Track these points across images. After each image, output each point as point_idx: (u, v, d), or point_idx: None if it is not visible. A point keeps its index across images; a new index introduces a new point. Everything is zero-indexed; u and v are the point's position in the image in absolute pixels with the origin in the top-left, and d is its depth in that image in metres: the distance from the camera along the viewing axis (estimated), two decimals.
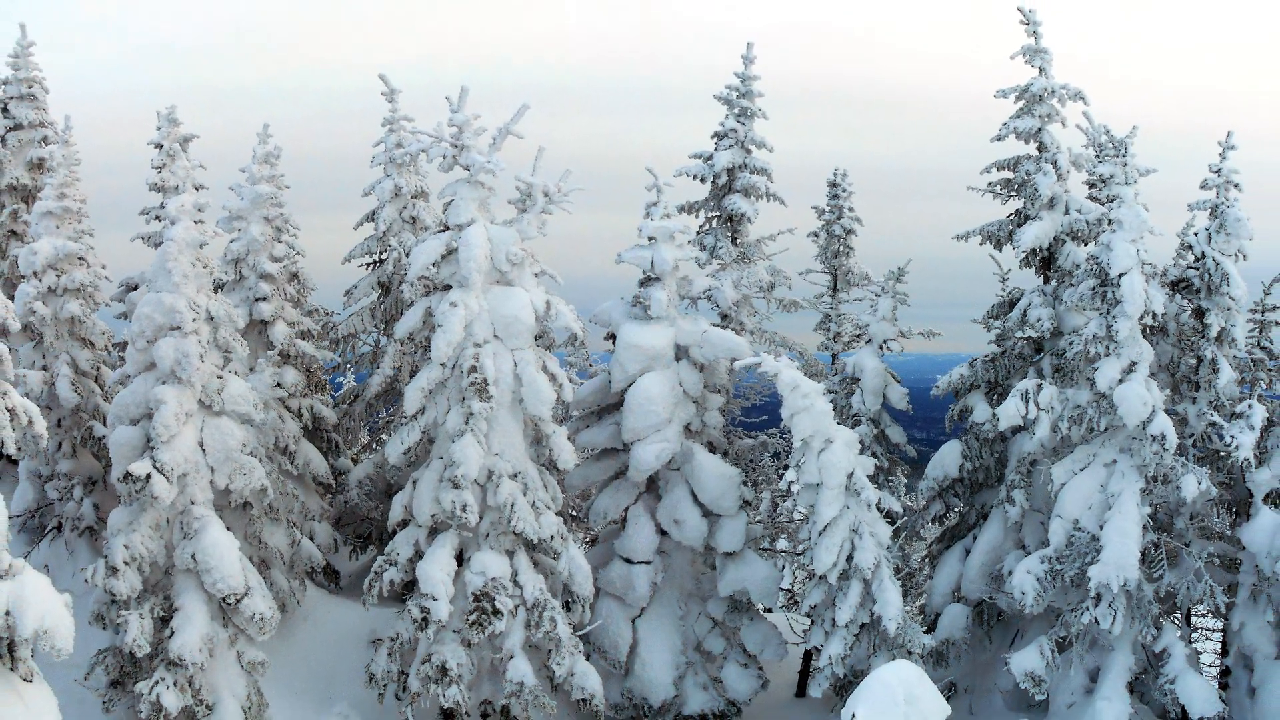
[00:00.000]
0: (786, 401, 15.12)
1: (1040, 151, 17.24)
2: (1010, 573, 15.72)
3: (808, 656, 19.15)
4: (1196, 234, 15.84)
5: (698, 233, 19.87)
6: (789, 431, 15.41)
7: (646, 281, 17.16)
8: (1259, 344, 17.11)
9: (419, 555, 15.14)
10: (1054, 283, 17.19)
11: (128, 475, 13.34)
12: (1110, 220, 14.81)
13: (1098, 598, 14.34)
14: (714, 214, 20.06)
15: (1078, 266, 16.72)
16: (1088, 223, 16.79)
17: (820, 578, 15.55)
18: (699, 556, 17.83)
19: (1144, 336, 14.94)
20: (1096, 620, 14.34)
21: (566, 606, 15.76)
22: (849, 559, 15.30)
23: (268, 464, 16.57)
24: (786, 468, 15.77)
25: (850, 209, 20.73)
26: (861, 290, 20.81)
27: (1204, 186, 15.91)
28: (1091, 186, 17.39)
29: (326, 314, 20.78)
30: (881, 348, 18.16)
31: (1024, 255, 17.11)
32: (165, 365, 13.78)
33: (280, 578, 16.75)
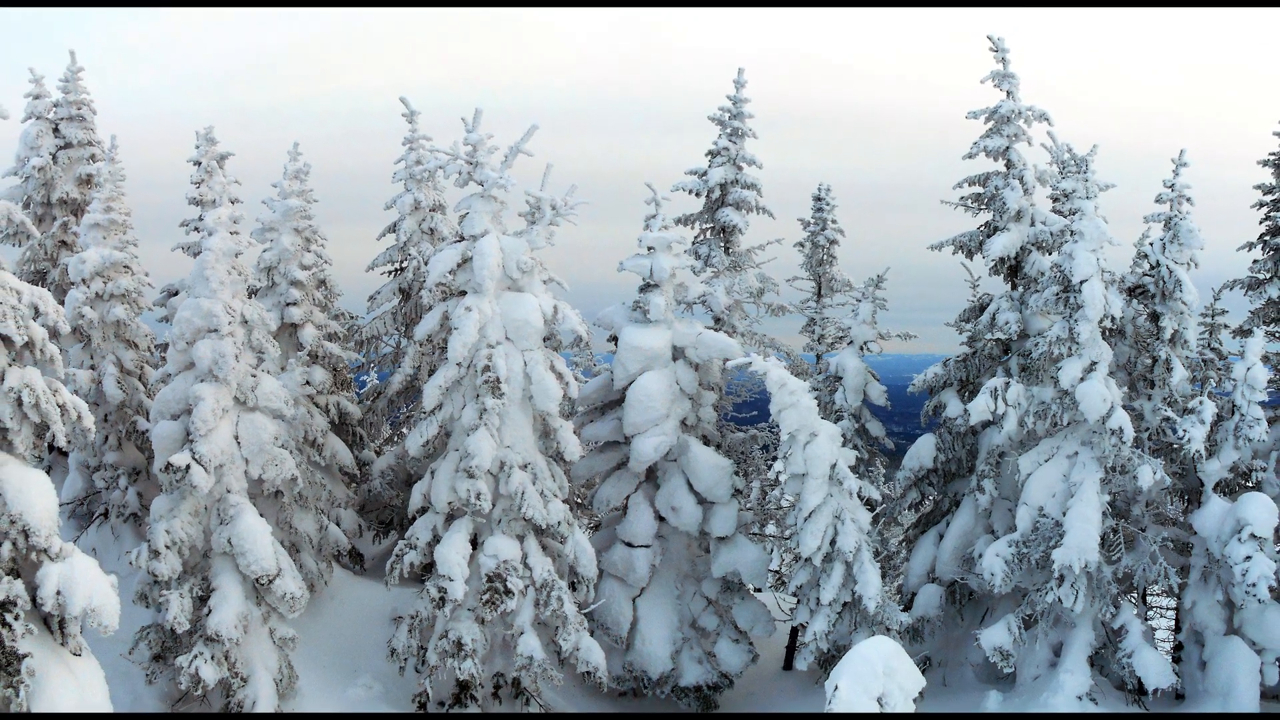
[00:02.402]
0: (775, 398, 15.12)
1: (1008, 168, 17.24)
2: (980, 556, 15.72)
3: (794, 633, 19.14)
4: (1152, 244, 15.84)
5: (693, 243, 19.87)
6: (777, 426, 15.42)
7: (646, 288, 17.14)
8: (1209, 345, 17.12)
9: (437, 539, 15.14)
10: (1021, 289, 17.18)
11: (169, 466, 13.33)
12: (1072, 231, 14.81)
13: (1061, 578, 14.34)
14: (708, 226, 20.05)
15: (1042, 274, 16.71)
16: (1052, 234, 16.78)
17: (806, 560, 15.55)
18: (694, 541, 17.82)
19: (1103, 338, 14.95)
20: (1060, 599, 14.34)
21: (572, 587, 15.76)
22: (832, 543, 15.30)
23: (297, 456, 16.55)
24: (775, 459, 15.74)
25: (833, 221, 20.73)
26: (844, 296, 20.83)
27: (1159, 200, 15.91)
28: (1055, 200, 17.38)
29: (352, 318, 20.76)
30: (862, 349, 18.16)
31: (993, 264, 17.14)
32: (203, 365, 13.77)
33: (309, 560, 16.74)
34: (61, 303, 16.79)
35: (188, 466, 13.29)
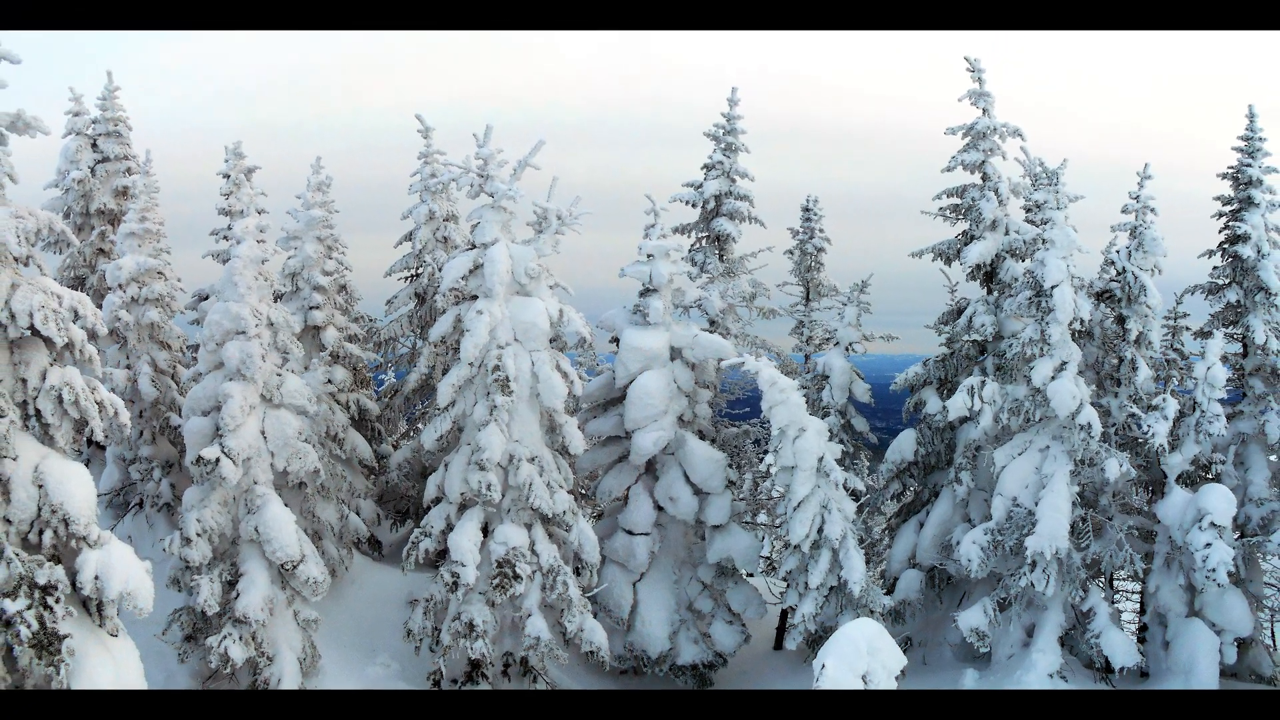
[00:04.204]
0: (766, 396, 15.13)
1: (984, 181, 17.26)
2: (958, 543, 15.74)
3: (784, 615, 19.14)
4: (1118, 251, 15.85)
5: (689, 251, 19.87)
6: (768, 421, 15.42)
7: (645, 293, 17.15)
8: (1172, 346, 17.13)
9: (450, 528, 15.15)
10: (995, 293, 17.19)
11: (200, 459, 13.35)
12: (1044, 240, 14.82)
13: (1033, 564, 14.35)
14: (703, 234, 20.07)
15: (1016, 279, 16.72)
16: (1025, 242, 16.80)
17: (795, 547, 15.55)
18: (691, 529, 17.83)
19: (1073, 339, 14.96)
20: (1032, 584, 14.35)
21: (577, 572, 15.76)
22: (820, 531, 15.31)
23: (320, 449, 16.58)
24: (766, 453, 15.78)
25: (821, 230, 20.73)
26: (830, 300, 20.82)
27: (1125, 210, 15.92)
28: (1028, 211, 17.37)
29: (370, 320, 20.77)
30: (848, 349, 18.17)
31: (970, 270, 17.16)
32: (232, 364, 13.78)
33: (331, 547, 16.75)
34: (99, 306, 16.84)
35: (217, 459, 13.31)
